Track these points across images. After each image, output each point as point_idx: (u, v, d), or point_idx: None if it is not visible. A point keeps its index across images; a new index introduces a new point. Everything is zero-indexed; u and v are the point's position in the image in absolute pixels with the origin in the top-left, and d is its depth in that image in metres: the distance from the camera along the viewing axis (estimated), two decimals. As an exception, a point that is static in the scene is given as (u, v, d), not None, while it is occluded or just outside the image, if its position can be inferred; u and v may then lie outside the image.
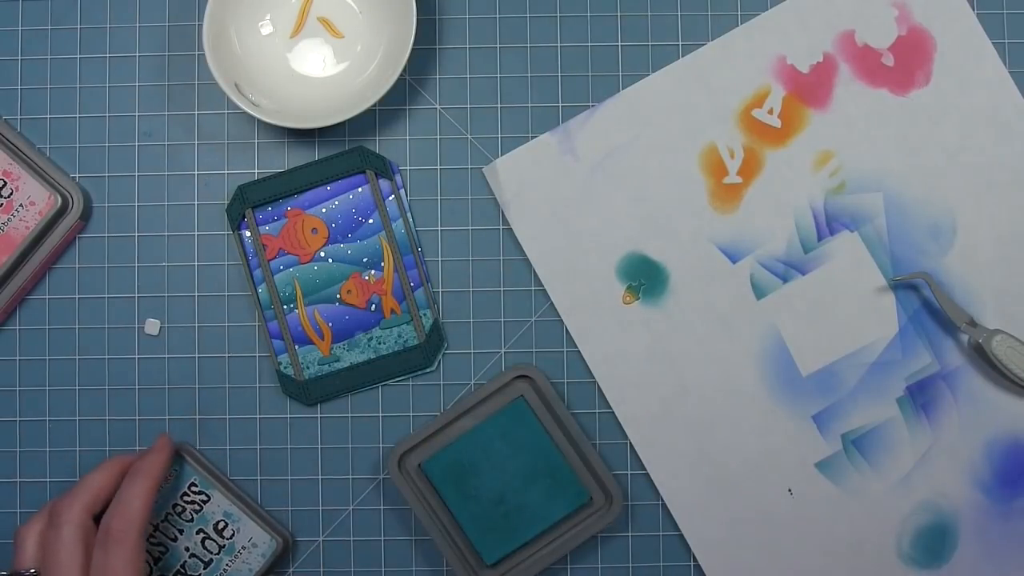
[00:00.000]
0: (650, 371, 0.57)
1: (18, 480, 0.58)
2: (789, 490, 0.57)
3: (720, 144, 0.58)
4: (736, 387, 0.57)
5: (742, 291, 0.57)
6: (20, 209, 0.56)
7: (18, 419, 0.58)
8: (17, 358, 0.58)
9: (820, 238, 0.57)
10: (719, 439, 0.57)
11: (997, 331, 0.55)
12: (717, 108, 0.58)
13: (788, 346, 0.57)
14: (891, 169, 0.57)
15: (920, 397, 0.57)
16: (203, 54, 0.55)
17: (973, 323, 0.55)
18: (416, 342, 0.57)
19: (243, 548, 0.56)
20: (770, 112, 0.58)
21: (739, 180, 0.58)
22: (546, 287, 0.58)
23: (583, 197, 0.58)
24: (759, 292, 0.57)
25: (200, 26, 0.55)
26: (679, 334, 0.57)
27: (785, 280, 0.57)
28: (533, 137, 0.58)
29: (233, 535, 0.56)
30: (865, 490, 0.57)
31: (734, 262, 0.57)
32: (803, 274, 0.57)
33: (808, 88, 0.58)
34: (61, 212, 0.57)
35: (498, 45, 0.59)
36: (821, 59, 0.58)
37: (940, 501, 0.57)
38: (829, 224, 0.57)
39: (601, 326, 0.57)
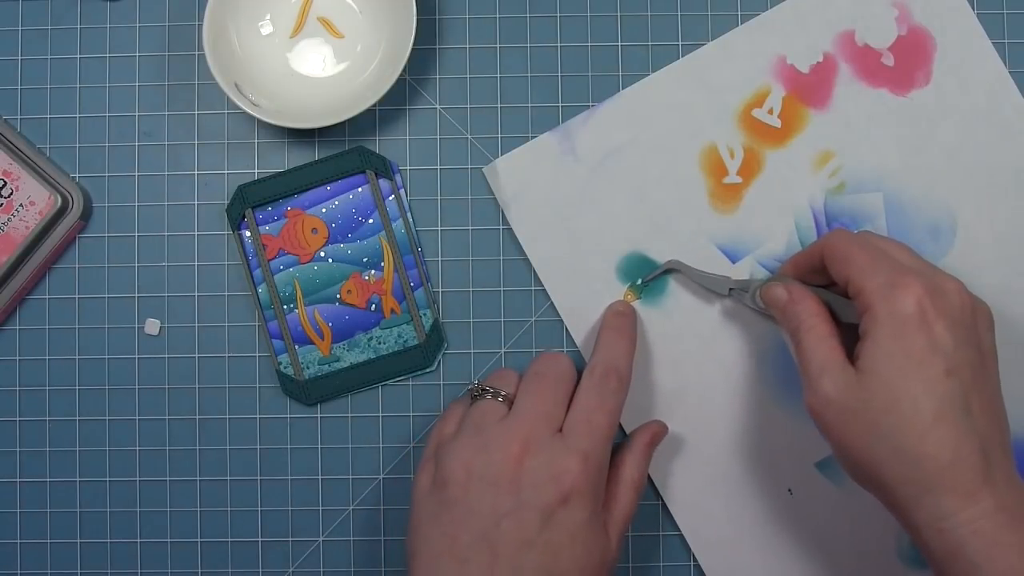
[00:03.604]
0: (650, 371, 0.57)
1: (18, 480, 0.58)
2: (789, 490, 0.57)
3: (720, 144, 0.58)
4: (736, 387, 0.57)
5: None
6: (20, 209, 0.56)
7: (18, 419, 0.58)
8: (17, 358, 0.58)
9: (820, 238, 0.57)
10: (719, 439, 0.57)
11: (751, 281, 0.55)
12: (717, 108, 0.58)
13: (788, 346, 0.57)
14: (891, 169, 0.57)
15: None
16: (203, 54, 0.55)
17: (736, 286, 0.55)
18: (416, 342, 0.57)
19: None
20: (770, 112, 0.58)
21: (739, 180, 0.58)
22: (546, 287, 0.58)
23: (583, 197, 0.58)
24: None
25: (200, 26, 0.55)
26: (679, 334, 0.57)
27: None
28: (533, 137, 0.58)
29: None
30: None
31: (734, 262, 0.57)
32: None
33: (808, 88, 0.58)
34: (61, 212, 0.57)
35: (498, 45, 0.59)
36: (821, 59, 0.58)
37: None
38: (829, 224, 0.57)
39: (599, 325, 0.57)
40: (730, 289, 0.55)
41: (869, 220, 0.57)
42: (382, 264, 0.58)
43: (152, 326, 0.58)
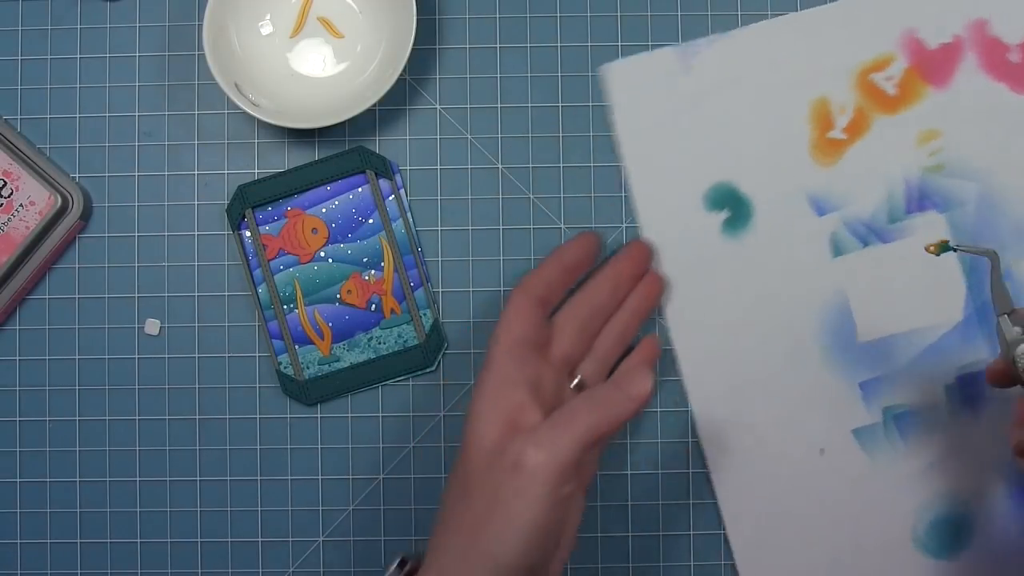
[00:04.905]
0: (714, 298, 0.57)
1: (18, 480, 0.58)
2: (821, 450, 0.57)
3: (833, 98, 0.58)
4: (792, 335, 0.57)
5: (820, 245, 0.57)
6: (20, 209, 0.56)
7: (18, 419, 0.58)
8: (17, 358, 0.58)
9: (908, 212, 0.58)
10: (764, 382, 0.57)
11: None
12: (838, 64, 0.58)
13: (852, 308, 0.57)
14: (991, 162, 0.57)
15: (969, 389, 0.57)
16: (203, 54, 0.55)
17: (1013, 315, 0.51)
18: (416, 342, 0.57)
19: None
20: (888, 80, 0.58)
21: (843, 137, 0.58)
22: (633, 193, 0.58)
23: (689, 117, 0.58)
24: (836, 250, 0.57)
25: (200, 26, 0.55)
26: (751, 271, 0.57)
27: (865, 244, 0.57)
28: (534, 137, 0.58)
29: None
30: (894, 466, 0.57)
31: (820, 215, 0.58)
32: (883, 243, 0.57)
33: (931, 65, 0.58)
34: (61, 212, 0.57)
35: (498, 45, 0.59)
36: (950, 40, 0.58)
37: (964, 495, 0.57)
38: (919, 200, 0.58)
39: (677, 242, 0.58)
40: (1006, 312, 0.50)
41: (959, 206, 0.57)
42: (382, 264, 0.58)
43: (152, 326, 0.58)
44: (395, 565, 0.48)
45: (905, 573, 0.57)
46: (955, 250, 0.57)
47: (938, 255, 0.57)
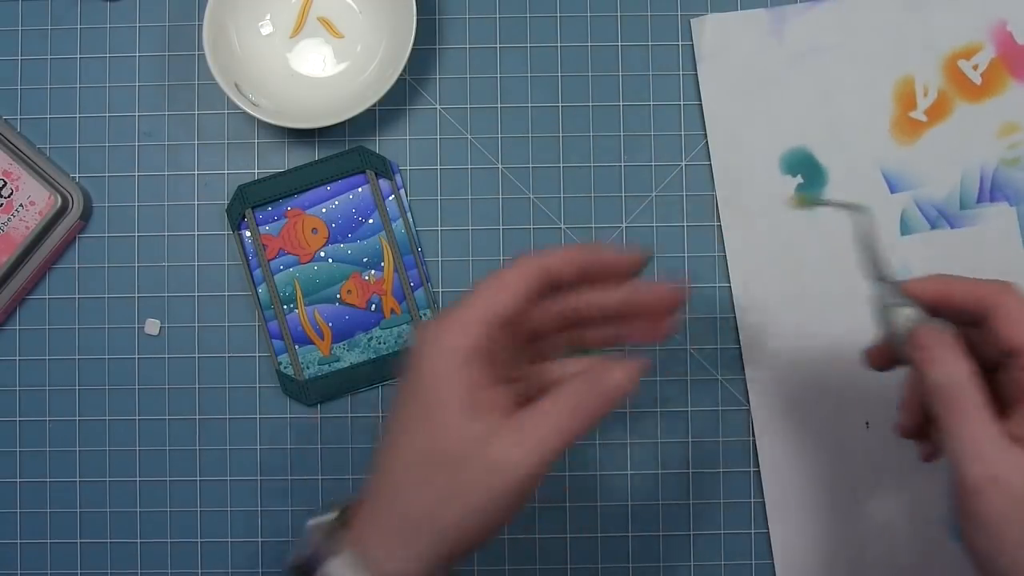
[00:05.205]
0: (779, 261, 0.58)
1: (18, 480, 0.58)
2: (867, 423, 0.57)
3: (918, 79, 0.58)
4: (852, 306, 0.57)
5: (890, 221, 0.58)
6: (20, 209, 0.56)
7: (18, 419, 0.58)
8: (17, 358, 0.58)
9: (979, 201, 0.58)
10: (819, 349, 0.58)
11: (910, 305, 0.46)
12: (927, 46, 0.59)
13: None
14: None
15: None
16: (203, 54, 0.55)
17: (887, 283, 0.47)
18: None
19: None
20: (975, 68, 0.59)
21: (924, 119, 0.58)
22: (710, 149, 0.58)
23: (774, 79, 0.58)
24: (905, 229, 0.58)
25: (200, 26, 0.55)
26: (818, 238, 0.58)
27: (933, 227, 0.58)
28: (533, 137, 0.58)
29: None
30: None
31: (892, 192, 0.58)
32: (952, 228, 0.58)
33: (1017, 59, 0.58)
34: (61, 212, 0.57)
35: (498, 45, 0.59)
36: None
37: None
38: (992, 191, 0.58)
39: (748, 202, 0.58)
40: (879, 279, 0.46)
41: None
42: (382, 264, 0.58)
43: (152, 326, 0.58)
44: (334, 516, 0.46)
45: (937, 559, 0.57)
46: (824, 204, 0.58)
47: (802, 208, 0.58)
